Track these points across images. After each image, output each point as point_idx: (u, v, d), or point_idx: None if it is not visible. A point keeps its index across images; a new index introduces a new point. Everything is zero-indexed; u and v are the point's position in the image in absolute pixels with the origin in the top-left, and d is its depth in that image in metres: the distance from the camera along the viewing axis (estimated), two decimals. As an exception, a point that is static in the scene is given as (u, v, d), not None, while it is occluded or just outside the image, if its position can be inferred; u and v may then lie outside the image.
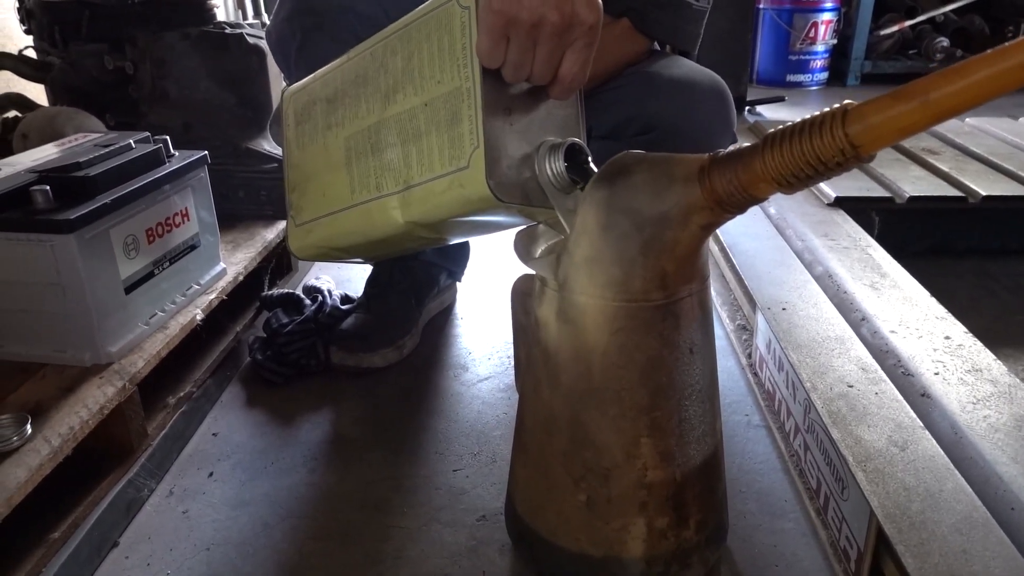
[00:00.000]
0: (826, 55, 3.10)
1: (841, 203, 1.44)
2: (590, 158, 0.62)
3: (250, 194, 1.32)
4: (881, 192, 1.46)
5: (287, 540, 0.79)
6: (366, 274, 1.21)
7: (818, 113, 0.49)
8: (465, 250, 1.29)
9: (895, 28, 3.12)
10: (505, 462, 0.85)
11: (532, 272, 0.65)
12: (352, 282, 1.38)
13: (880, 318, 0.99)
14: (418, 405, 1.03)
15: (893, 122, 0.45)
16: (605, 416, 0.62)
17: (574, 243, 0.60)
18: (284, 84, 0.97)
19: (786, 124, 0.51)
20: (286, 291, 1.19)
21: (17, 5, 1.39)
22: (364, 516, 0.82)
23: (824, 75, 3.14)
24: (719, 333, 1.19)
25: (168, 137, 1.00)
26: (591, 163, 0.62)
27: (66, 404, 0.79)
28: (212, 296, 1.04)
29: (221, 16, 1.40)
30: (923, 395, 0.83)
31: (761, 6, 3.08)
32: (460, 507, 0.83)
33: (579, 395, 0.63)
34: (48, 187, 0.83)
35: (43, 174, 0.86)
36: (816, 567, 0.74)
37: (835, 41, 3.08)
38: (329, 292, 1.21)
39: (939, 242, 1.52)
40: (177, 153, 1.00)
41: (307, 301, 1.18)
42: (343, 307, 1.18)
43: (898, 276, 1.12)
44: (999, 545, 0.63)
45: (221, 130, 1.31)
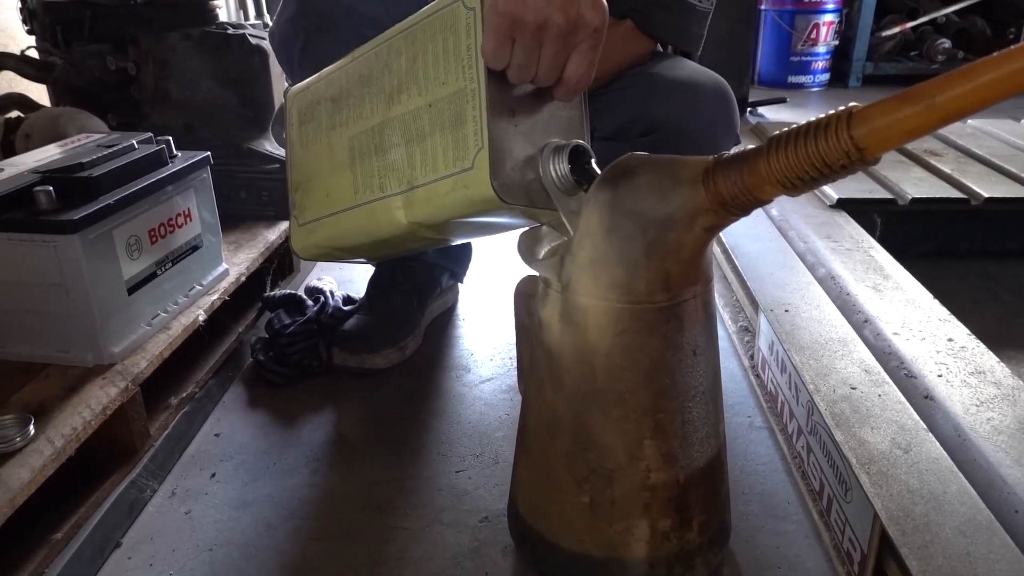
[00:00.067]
0: (828, 56, 3.09)
1: (843, 205, 1.44)
2: (594, 160, 0.62)
3: (252, 195, 1.32)
4: (883, 194, 1.46)
5: (290, 541, 0.79)
6: (368, 275, 1.20)
7: (823, 115, 0.49)
8: (467, 251, 1.29)
9: (896, 29, 3.12)
10: (507, 463, 0.85)
11: (535, 273, 0.65)
12: (354, 283, 1.38)
13: (883, 320, 0.99)
14: (420, 406, 1.03)
15: (899, 125, 0.45)
16: (608, 418, 0.62)
17: (578, 245, 0.60)
18: (286, 84, 0.97)
19: (790, 126, 0.51)
20: (288, 292, 1.19)
21: (20, 5, 1.39)
22: (367, 517, 0.82)
23: (826, 76, 3.14)
24: (721, 335, 1.19)
25: (170, 138, 1.00)
26: (595, 165, 0.62)
27: (69, 404, 0.79)
28: (214, 297, 1.04)
29: (223, 17, 1.40)
30: (926, 397, 0.83)
31: (762, 7, 3.07)
32: (463, 508, 0.83)
33: (582, 397, 0.63)
34: (51, 188, 0.83)
35: (46, 175, 0.86)
36: (819, 569, 0.74)
37: (836, 42, 3.08)
38: (331, 293, 1.21)
39: (941, 244, 1.52)
40: (179, 154, 1.00)
41: (309, 302, 1.18)
42: (345, 308, 1.18)
43: (901, 278, 1.12)
44: (1003, 548, 0.63)
45: (223, 131, 1.31)
